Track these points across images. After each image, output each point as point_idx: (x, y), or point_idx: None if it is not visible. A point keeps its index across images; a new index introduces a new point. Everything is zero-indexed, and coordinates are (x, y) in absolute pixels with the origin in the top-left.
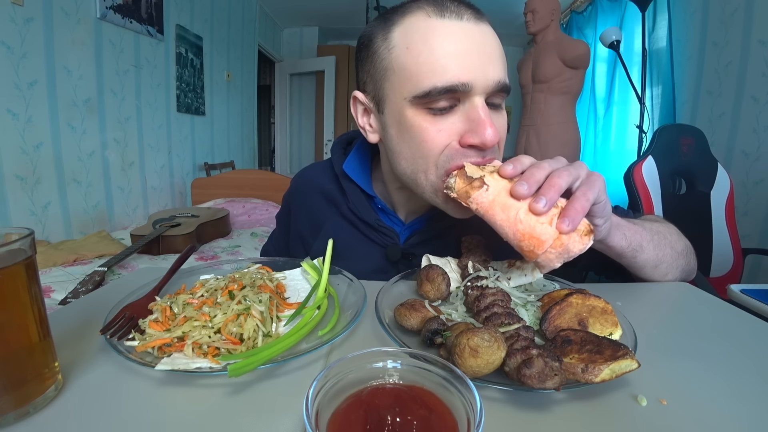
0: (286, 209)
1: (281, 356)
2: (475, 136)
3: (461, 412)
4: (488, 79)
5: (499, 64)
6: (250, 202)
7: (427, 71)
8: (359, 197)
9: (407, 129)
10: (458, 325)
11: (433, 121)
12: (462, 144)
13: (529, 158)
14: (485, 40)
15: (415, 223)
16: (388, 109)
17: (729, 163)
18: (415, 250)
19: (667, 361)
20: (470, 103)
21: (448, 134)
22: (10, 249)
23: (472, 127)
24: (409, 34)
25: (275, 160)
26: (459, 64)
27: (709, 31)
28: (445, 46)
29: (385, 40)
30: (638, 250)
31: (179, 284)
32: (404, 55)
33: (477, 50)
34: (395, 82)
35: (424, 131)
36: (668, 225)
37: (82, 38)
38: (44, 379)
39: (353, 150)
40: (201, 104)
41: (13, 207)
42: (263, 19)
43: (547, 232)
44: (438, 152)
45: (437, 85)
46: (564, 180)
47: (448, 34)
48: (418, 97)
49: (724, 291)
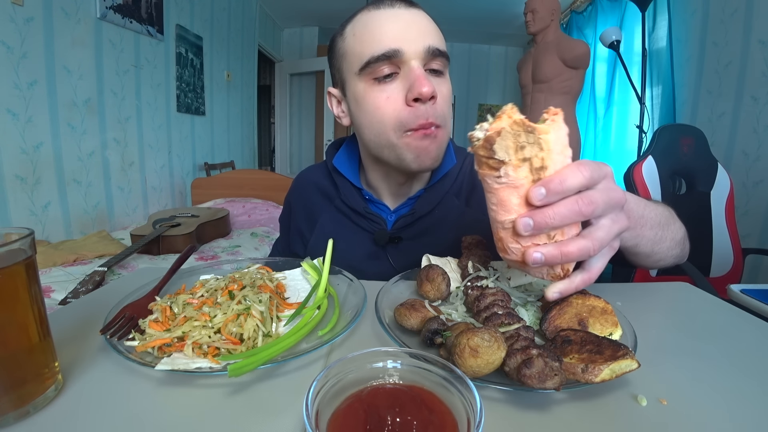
0: (288, 209)
1: (281, 356)
2: (413, 91)
3: (461, 412)
4: (419, 45)
5: (430, 34)
6: (250, 202)
7: (366, 46)
8: (349, 189)
9: (362, 100)
10: (458, 325)
11: (380, 89)
12: (407, 103)
13: (578, 181)
14: (415, 18)
15: (401, 207)
16: (348, 90)
17: (729, 163)
18: (402, 234)
19: (667, 361)
20: (408, 68)
21: (395, 99)
22: (10, 249)
23: (411, 85)
24: (356, 25)
25: (275, 160)
26: (391, 36)
27: (709, 31)
28: (381, 26)
29: (341, 35)
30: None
31: (179, 284)
32: (352, 40)
33: (407, 26)
34: (348, 62)
35: (375, 99)
36: (669, 211)
37: (82, 38)
38: (44, 379)
39: (342, 147)
40: (201, 104)
41: (13, 207)
42: (263, 19)
43: (515, 251)
44: (391, 115)
45: (374, 54)
46: (583, 251)
47: (384, 18)
48: (362, 69)
49: (724, 291)
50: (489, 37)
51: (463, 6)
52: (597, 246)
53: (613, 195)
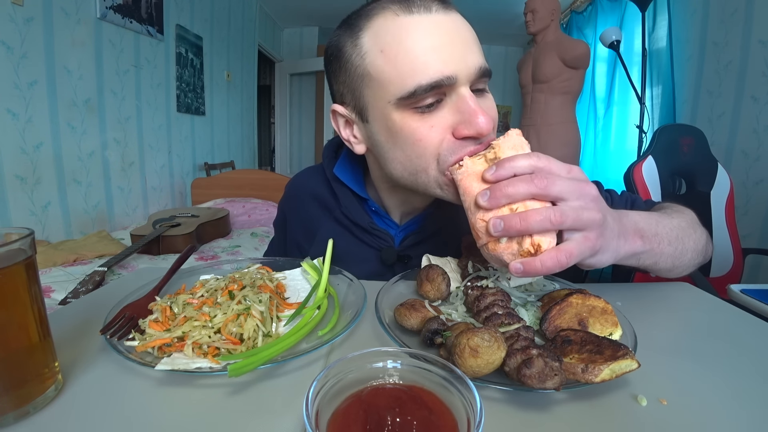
0: (282, 217)
1: (281, 356)
2: (469, 127)
3: (461, 412)
4: (470, 67)
5: (476, 49)
6: (250, 202)
7: (407, 71)
8: (351, 201)
9: (397, 133)
10: (458, 325)
11: (422, 120)
12: (457, 137)
13: (529, 161)
14: (458, 28)
15: (410, 224)
16: (373, 117)
17: (729, 163)
18: (411, 252)
19: (667, 361)
20: (457, 95)
21: (441, 129)
22: (10, 249)
23: (464, 118)
24: (380, 36)
25: (275, 160)
26: (439, 58)
27: (709, 31)
28: (420, 43)
29: (355, 47)
30: (652, 267)
31: (179, 284)
32: (380, 59)
33: (452, 40)
34: (375, 88)
35: (416, 131)
36: (688, 219)
37: (82, 38)
38: (44, 379)
39: (343, 153)
40: (201, 104)
41: (13, 207)
42: (263, 19)
43: (482, 230)
44: (434, 148)
45: (422, 83)
46: (545, 218)
47: (421, 29)
48: (403, 99)
49: (724, 291)
50: (489, 37)
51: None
52: (558, 214)
53: (578, 183)
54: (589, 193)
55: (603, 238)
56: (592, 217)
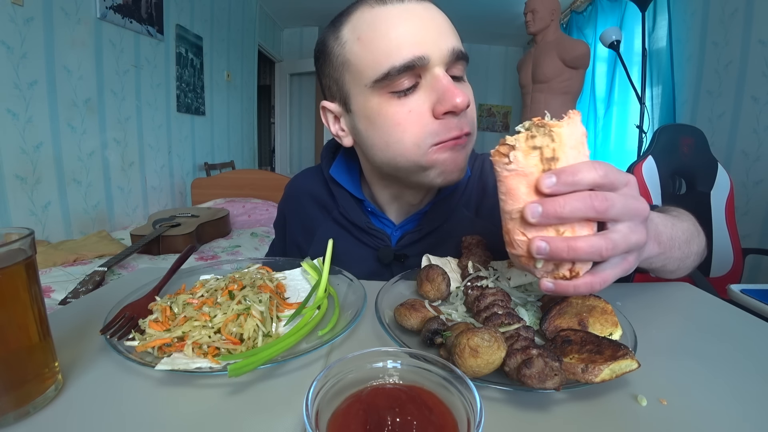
0: (282, 217)
1: (281, 356)
2: (444, 103)
3: (461, 412)
4: (442, 49)
5: (450, 34)
6: (250, 202)
7: (382, 54)
8: (348, 201)
9: (375, 117)
10: (458, 325)
11: (400, 104)
12: (437, 116)
13: (593, 177)
14: (431, 15)
15: (406, 223)
16: (354, 104)
17: (729, 163)
18: (408, 251)
19: (667, 361)
20: (431, 76)
21: (419, 113)
22: (10, 249)
23: (440, 96)
24: (357, 26)
25: (275, 160)
26: (411, 40)
27: (709, 31)
28: (394, 28)
29: (336, 39)
30: (659, 269)
31: (179, 284)
32: (356, 46)
33: (426, 25)
34: (354, 73)
35: (394, 115)
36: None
37: (82, 38)
38: (44, 379)
39: (340, 154)
40: (201, 104)
41: (13, 207)
42: (263, 19)
43: (521, 245)
44: (415, 131)
45: (395, 65)
46: (594, 248)
47: (395, 16)
48: (378, 81)
49: (724, 291)
50: (489, 37)
51: (463, 5)
52: (610, 247)
53: (634, 203)
54: (642, 214)
55: (640, 257)
56: (638, 242)
